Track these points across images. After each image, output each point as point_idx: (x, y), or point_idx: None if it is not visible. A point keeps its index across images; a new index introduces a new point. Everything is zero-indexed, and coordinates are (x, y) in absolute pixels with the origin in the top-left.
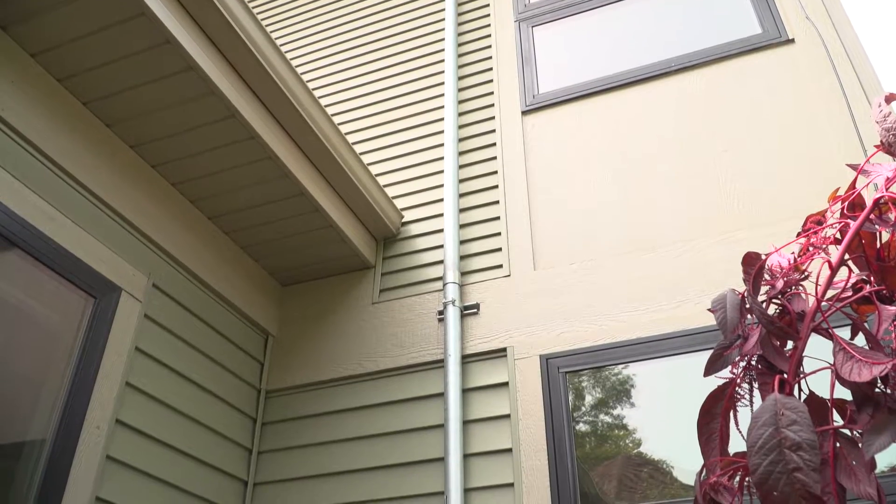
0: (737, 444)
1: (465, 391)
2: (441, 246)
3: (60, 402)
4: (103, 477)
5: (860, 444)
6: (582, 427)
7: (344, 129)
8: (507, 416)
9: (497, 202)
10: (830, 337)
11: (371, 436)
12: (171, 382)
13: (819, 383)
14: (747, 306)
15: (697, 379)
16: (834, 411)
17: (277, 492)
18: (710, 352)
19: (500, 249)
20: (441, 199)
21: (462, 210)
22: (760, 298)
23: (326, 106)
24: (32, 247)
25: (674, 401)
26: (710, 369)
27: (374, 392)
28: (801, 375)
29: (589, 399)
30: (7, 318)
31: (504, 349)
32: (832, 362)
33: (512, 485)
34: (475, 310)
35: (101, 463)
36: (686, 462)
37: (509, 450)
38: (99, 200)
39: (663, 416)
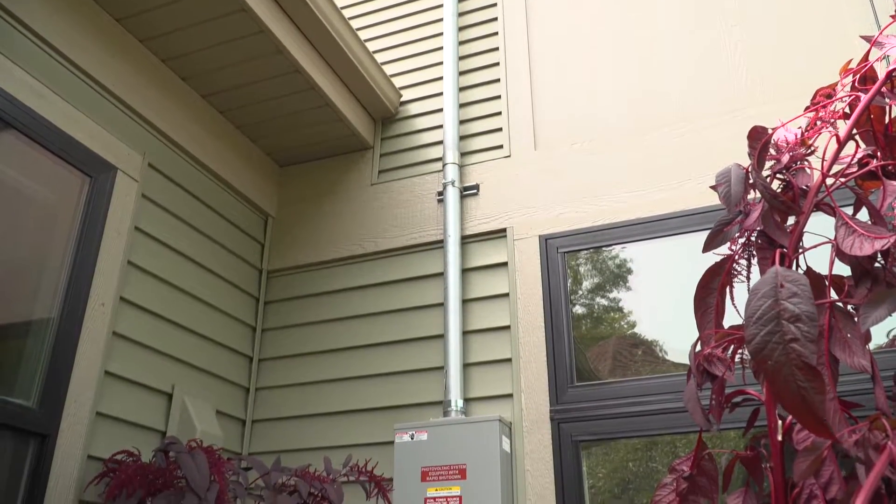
0: (731, 320)
1: (465, 271)
2: (440, 126)
3: (63, 281)
4: (111, 352)
5: (856, 319)
6: (578, 310)
7: (340, 2)
8: (506, 294)
9: (498, 80)
10: (833, 212)
11: (372, 314)
12: (172, 262)
13: (817, 260)
14: (751, 181)
15: (696, 260)
16: (831, 289)
17: (281, 367)
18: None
19: (500, 129)
20: (440, 78)
21: (462, 89)
22: (765, 173)
23: None
24: (23, 124)
25: (670, 283)
26: (710, 245)
27: (374, 272)
28: (801, 250)
29: (586, 283)
30: (4, 199)
31: (503, 230)
32: (833, 238)
33: (510, 360)
34: (475, 190)
35: (107, 339)
36: (679, 342)
37: (507, 327)
38: (88, 77)
39: (659, 299)
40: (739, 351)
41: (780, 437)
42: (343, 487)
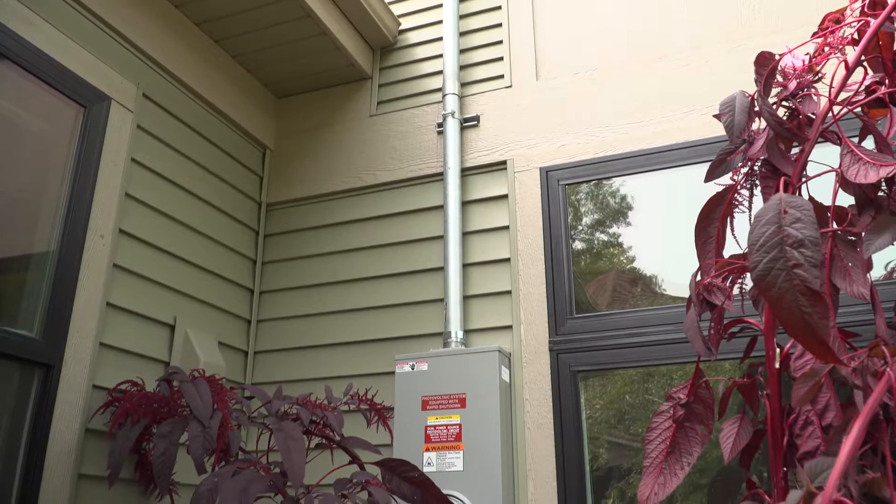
0: (732, 251)
1: (465, 203)
2: (440, 55)
3: (62, 213)
4: (112, 284)
5: (858, 248)
6: (578, 245)
7: None
8: (506, 227)
9: (499, 7)
10: (839, 140)
11: (371, 247)
12: (170, 194)
13: (820, 191)
14: (756, 109)
15: (697, 193)
16: (833, 219)
17: (282, 299)
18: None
19: (501, 59)
20: (440, 5)
21: (462, 16)
22: (771, 101)
23: None
24: (15, 53)
25: (671, 218)
26: (712, 174)
27: (373, 205)
28: (805, 179)
29: (586, 219)
30: None
31: (504, 162)
32: (837, 166)
33: (509, 292)
34: (475, 122)
35: (108, 271)
36: (679, 277)
37: (507, 259)
38: (79, 4)
39: (659, 234)
40: (739, 280)
41: (777, 365)
42: (344, 416)
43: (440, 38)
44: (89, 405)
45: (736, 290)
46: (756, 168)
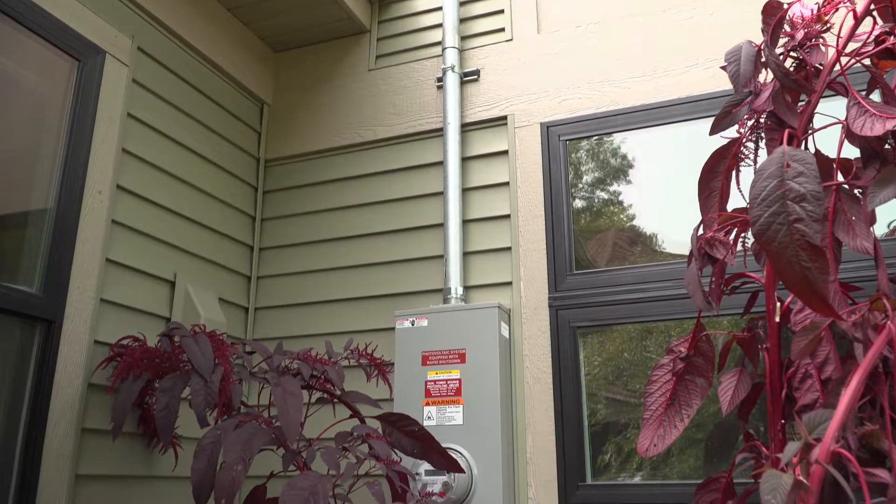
0: (735, 205)
1: (465, 159)
2: (440, 8)
3: (59, 169)
4: (111, 240)
5: (862, 202)
6: (578, 204)
7: None
8: (507, 183)
9: None
10: (846, 92)
11: (371, 203)
12: (168, 150)
13: (826, 144)
14: (762, 59)
15: (699, 150)
16: (838, 172)
17: (282, 256)
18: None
19: (502, 11)
20: None
21: None
22: (778, 51)
23: None
24: (4, 4)
25: (672, 175)
26: (717, 127)
27: (373, 161)
28: (811, 131)
29: (587, 177)
30: None
31: (504, 117)
32: (843, 119)
33: (509, 248)
34: (475, 76)
35: (106, 227)
36: (679, 234)
37: (507, 216)
38: None
39: (660, 192)
40: (742, 235)
41: (777, 319)
42: (344, 372)
43: None
44: (91, 360)
45: (739, 247)
46: (762, 121)
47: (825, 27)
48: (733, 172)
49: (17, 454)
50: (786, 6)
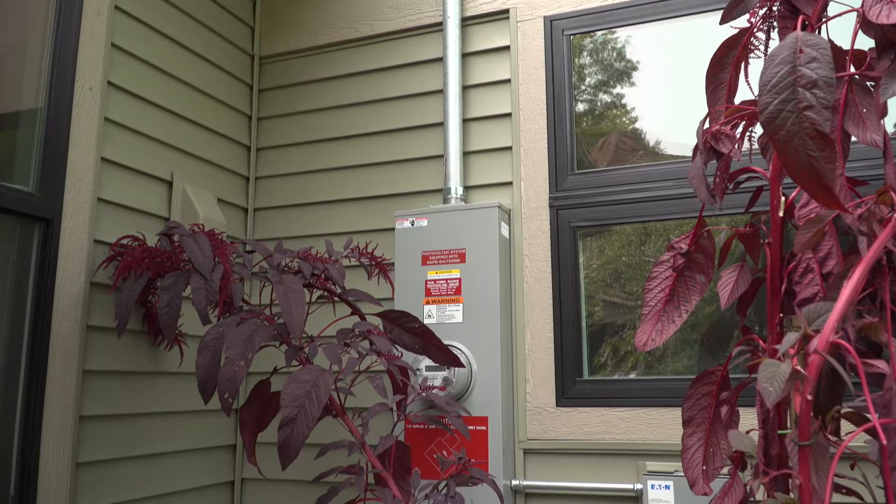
0: (744, 99)
1: (465, 56)
2: None
3: (46, 66)
4: (105, 139)
5: (874, 95)
6: (580, 107)
7: None
8: (508, 80)
9: None
10: None
11: (369, 101)
12: (159, 45)
13: (840, 36)
14: None
15: (706, 47)
16: (851, 63)
17: (280, 156)
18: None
19: None
20: None
21: None
22: None
23: None
24: None
25: (677, 75)
26: (728, 16)
27: (371, 57)
28: (825, 19)
29: (589, 79)
30: None
31: (506, 10)
32: (859, 6)
33: (510, 148)
34: None
35: (100, 125)
36: (681, 136)
37: (508, 114)
38: None
39: (664, 92)
40: (749, 129)
41: (780, 214)
42: (345, 271)
43: None
44: (92, 259)
45: (745, 145)
46: (774, 9)
47: None
48: (742, 64)
49: (23, 350)
50: None
